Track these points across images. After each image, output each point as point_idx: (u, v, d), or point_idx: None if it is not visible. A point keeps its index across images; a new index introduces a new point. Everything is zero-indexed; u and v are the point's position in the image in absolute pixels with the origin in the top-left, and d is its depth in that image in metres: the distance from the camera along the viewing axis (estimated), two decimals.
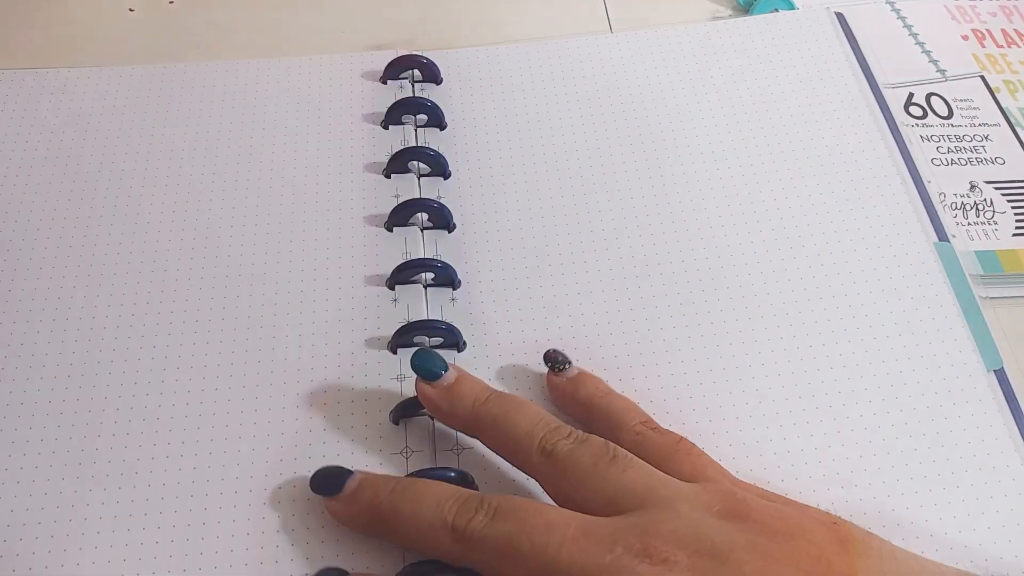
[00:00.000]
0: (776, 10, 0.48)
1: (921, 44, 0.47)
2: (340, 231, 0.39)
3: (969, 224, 0.41)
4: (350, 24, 0.48)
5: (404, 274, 0.37)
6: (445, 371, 0.32)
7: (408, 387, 0.34)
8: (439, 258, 0.38)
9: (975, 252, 0.40)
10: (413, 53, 0.44)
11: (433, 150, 0.40)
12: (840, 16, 0.46)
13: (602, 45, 0.45)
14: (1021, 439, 0.34)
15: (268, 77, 0.44)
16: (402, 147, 0.41)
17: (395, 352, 0.35)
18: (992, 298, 0.39)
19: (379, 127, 0.42)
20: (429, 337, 0.36)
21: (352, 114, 0.43)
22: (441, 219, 0.39)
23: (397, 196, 0.40)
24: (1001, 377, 0.35)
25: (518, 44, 0.46)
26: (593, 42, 0.45)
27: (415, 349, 0.35)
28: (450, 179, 0.41)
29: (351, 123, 0.42)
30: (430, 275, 0.37)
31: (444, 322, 0.36)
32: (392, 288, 0.37)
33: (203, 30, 0.48)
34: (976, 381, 0.35)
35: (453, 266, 0.37)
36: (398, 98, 0.42)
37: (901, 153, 0.41)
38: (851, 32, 0.45)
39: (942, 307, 0.37)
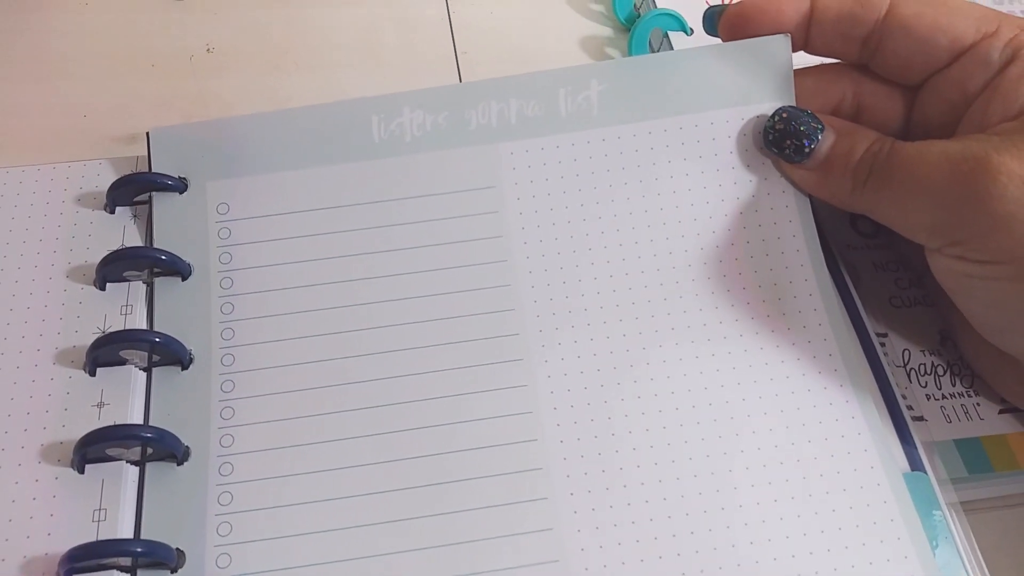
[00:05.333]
0: (666, 34, 0.36)
1: None
2: (20, 463, 0.26)
3: (944, 397, 0.29)
4: (87, 104, 0.35)
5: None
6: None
7: None
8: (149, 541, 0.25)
9: (954, 442, 0.28)
10: (140, 171, 0.30)
11: (158, 335, 0.27)
12: None
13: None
14: None
15: None
16: (123, 323, 0.28)
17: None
18: (967, 502, 0.27)
19: (93, 287, 0.28)
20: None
21: (52, 268, 0.29)
22: (162, 449, 0.26)
23: (100, 406, 0.26)
24: None
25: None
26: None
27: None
28: (192, 368, 0.27)
29: (48, 279, 0.29)
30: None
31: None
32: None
33: None
34: None
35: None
36: (127, 235, 0.29)
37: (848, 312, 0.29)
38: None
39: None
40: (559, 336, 0.28)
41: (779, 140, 0.29)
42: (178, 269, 0.28)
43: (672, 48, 0.36)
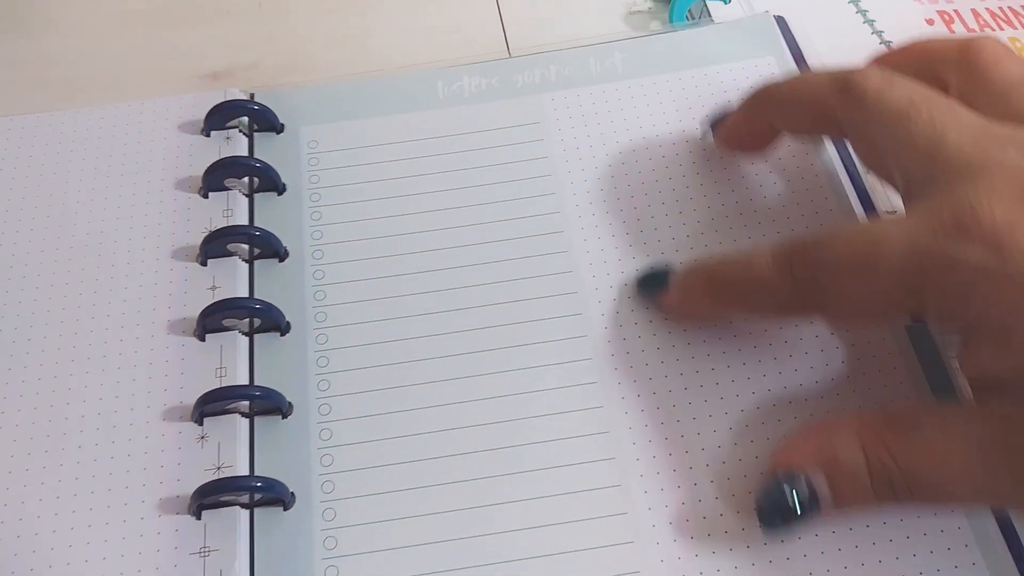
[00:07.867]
0: (704, 4, 0.41)
1: (879, 33, 0.40)
2: (138, 337, 0.31)
3: None
4: (173, 50, 0.39)
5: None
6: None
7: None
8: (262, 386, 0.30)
9: None
10: (238, 99, 0.35)
11: (259, 230, 0.32)
12: (781, 20, 0.38)
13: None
14: None
15: (54, 135, 0.35)
16: (224, 222, 0.33)
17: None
18: None
19: (197, 195, 0.34)
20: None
21: (163, 179, 0.34)
22: (269, 321, 0.31)
23: (213, 289, 0.31)
24: None
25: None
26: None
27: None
28: (288, 261, 0.32)
29: (160, 191, 0.34)
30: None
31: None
32: (200, 423, 0.29)
33: None
34: None
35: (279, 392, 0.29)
36: (223, 155, 0.34)
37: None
38: (792, 38, 0.38)
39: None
40: (605, 255, 0.32)
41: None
42: (274, 183, 0.33)
43: (711, 16, 0.41)
